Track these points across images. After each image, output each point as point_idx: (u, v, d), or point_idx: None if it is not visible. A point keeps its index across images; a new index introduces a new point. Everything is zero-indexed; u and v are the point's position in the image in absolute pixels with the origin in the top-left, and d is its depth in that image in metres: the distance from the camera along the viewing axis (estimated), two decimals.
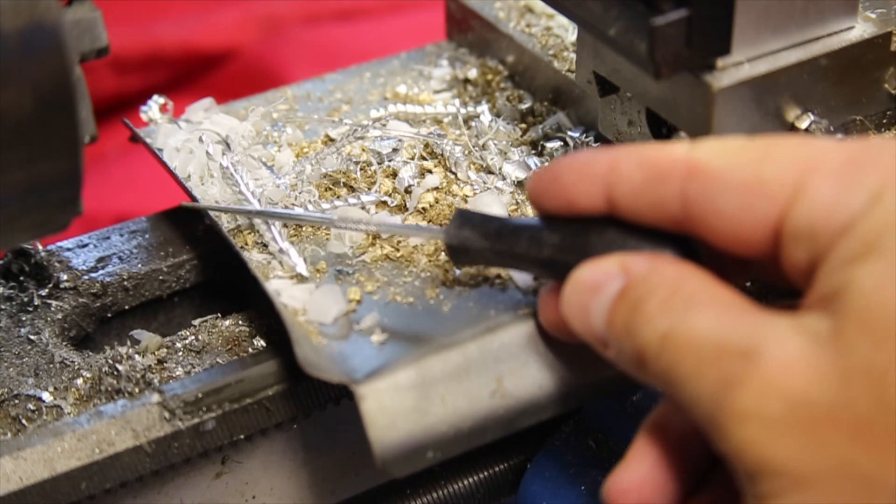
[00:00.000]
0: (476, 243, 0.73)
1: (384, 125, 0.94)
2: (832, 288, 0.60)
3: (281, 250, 0.83)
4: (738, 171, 0.63)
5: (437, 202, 0.88)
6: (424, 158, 0.92)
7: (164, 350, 0.83)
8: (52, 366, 0.82)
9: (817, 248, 0.61)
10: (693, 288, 0.64)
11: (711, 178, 0.64)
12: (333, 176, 0.91)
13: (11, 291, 0.88)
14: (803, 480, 0.57)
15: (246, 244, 0.85)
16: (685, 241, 0.67)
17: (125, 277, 0.89)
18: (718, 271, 0.66)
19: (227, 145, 0.92)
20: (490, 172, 0.91)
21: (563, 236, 0.70)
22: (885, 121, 0.88)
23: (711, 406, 0.60)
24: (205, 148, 0.90)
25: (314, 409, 0.83)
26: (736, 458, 0.59)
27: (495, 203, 0.87)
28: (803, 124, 0.82)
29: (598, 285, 0.67)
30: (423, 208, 0.88)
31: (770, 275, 0.68)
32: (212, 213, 0.87)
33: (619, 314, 0.66)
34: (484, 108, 0.98)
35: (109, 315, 0.90)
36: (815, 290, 0.61)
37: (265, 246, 0.85)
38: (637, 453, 0.68)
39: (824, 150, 0.63)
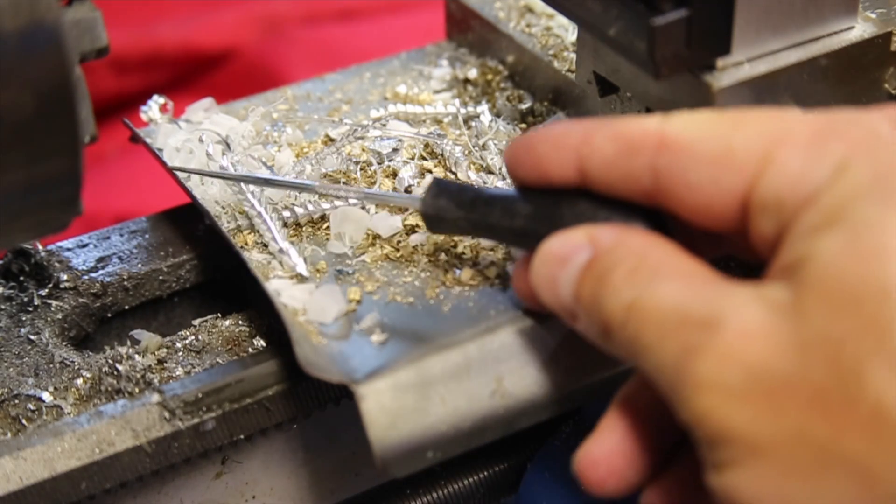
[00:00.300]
0: (451, 213, 0.74)
1: (384, 125, 0.94)
2: (794, 258, 0.60)
3: (281, 250, 0.84)
4: (708, 143, 0.64)
5: None
6: (424, 158, 0.92)
7: (164, 350, 0.83)
8: (52, 366, 0.82)
9: (783, 219, 0.62)
10: (658, 258, 0.64)
11: (681, 150, 0.65)
12: (333, 176, 0.91)
13: (11, 291, 0.88)
14: (760, 448, 0.58)
15: (246, 244, 0.85)
16: (656, 213, 0.68)
17: (125, 277, 0.89)
18: (688, 245, 0.66)
19: (227, 145, 0.92)
20: (490, 172, 0.91)
21: (535, 207, 0.71)
22: None
23: (673, 375, 0.61)
24: (205, 148, 0.90)
25: (314, 409, 0.83)
26: (696, 426, 0.60)
27: None
28: None
29: (566, 256, 0.68)
30: None
31: (740, 249, 0.69)
32: (212, 213, 0.87)
33: (586, 285, 0.67)
34: (484, 108, 0.98)
35: (109, 315, 0.90)
36: (778, 260, 0.62)
37: (265, 246, 0.85)
38: (607, 426, 0.69)
39: (793, 121, 0.64)
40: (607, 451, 0.69)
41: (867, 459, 0.56)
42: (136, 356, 0.81)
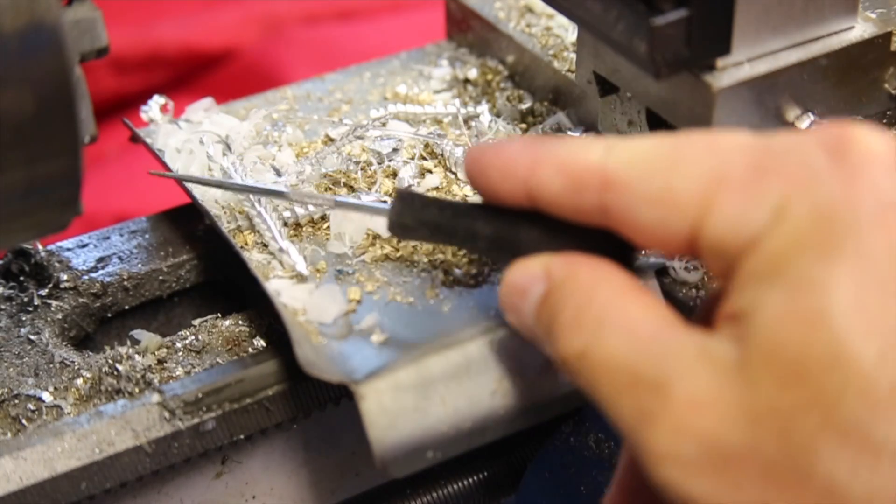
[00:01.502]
0: (415, 231, 0.74)
1: (384, 125, 0.94)
2: (739, 308, 0.59)
3: (281, 249, 0.84)
4: (650, 182, 0.63)
5: None
6: (424, 158, 0.92)
7: (164, 350, 0.83)
8: (52, 366, 0.82)
9: (726, 264, 0.61)
10: (605, 300, 0.64)
11: (624, 189, 0.64)
12: (333, 176, 0.91)
13: (11, 291, 0.88)
14: None
15: (246, 244, 0.85)
16: (613, 237, 0.67)
17: (125, 277, 0.89)
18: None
19: (228, 146, 0.92)
20: None
21: (495, 230, 0.71)
22: (885, 121, 0.88)
23: (633, 438, 0.61)
24: (205, 149, 0.90)
25: (314, 409, 0.83)
26: (661, 492, 0.60)
27: None
28: (803, 124, 0.82)
29: (525, 288, 0.68)
30: None
31: None
32: (212, 214, 0.87)
33: (542, 322, 0.67)
34: (484, 108, 0.98)
35: (109, 315, 0.90)
36: (725, 305, 0.61)
37: (265, 246, 0.85)
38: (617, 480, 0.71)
39: (731, 154, 0.62)
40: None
41: None
42: (136, 356, 0.81)
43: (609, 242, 0.67)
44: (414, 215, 0.74)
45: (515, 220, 0.70)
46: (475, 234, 0.72)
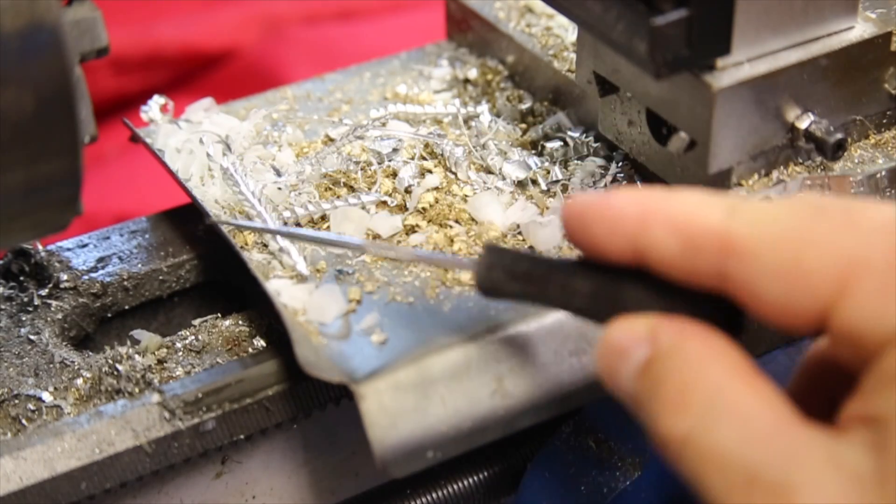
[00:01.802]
0: (506, 285, 0.69)
1: (384, 125, 0.94)
2: (877, 412, 0.56)
3: (281, 249, 0.83)
4: (778, 254, 0.59)
5: (437, 202, 0.88)
6: (424, 158, 0.92)
7: (164, 350, 0.83)
8: (52, 366, 0.82)
9: (862, 354, 0.58)
10: (716, 381, 0.60)
11: (749, 257, 0.60)
12: (333, 176, 0.91)
13: (11, 291, 0.88)
14: None
15: (246, 244, 0.85)
16: (724, 302, 0.63)
17: (125, 277, 0.89)
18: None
19: (228, 146, 0.92)
20: (490, 172, 0.91)
21: (595, 285, 0.66)
22: (885, 121, 0.88)
23: None
24: (205, 149, 0.90)
25: (314, 409, 0.83)
26: None
27: (494, 202, 0.87)
28: (803, 124, 0.82)
29: (626, 350, 0.63)
30: (423, 208, 0.88)
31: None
32: (212, 213, 0.87)
33: (643, 390, 0.62)
34: (484, 108, 0.98)
35: (109, 315, 0.90)
36: (858, 404, 0.58)
37: (265, 246, 0.85)
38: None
39: (873, 235, 0.59)
40: None
41: None
42: (136, 356, 0.81)
43: (719, 307, 0.63)
44: (505, 268, 0.68)
45: (617, 276, 0.65)
46: (572, 290, 0.66)
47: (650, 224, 0.62)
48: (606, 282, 0.65)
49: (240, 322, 0.86)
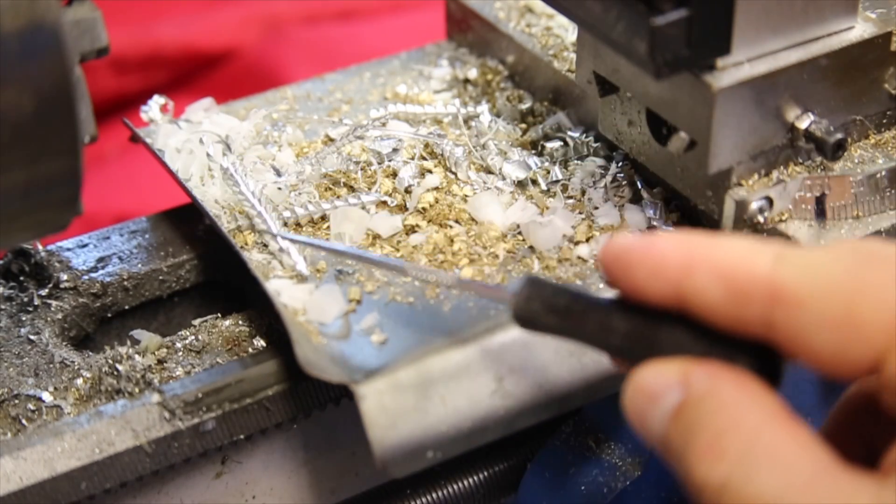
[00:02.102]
0: (543, 318, 0.68)
1: (384, 125, 0.94)
2: None
3: (281, 249, 0.83)
4: (829, 303, 0.58)
5: (437, 202, 0.88)
6: (424, 158, 0.92)
7: (164, 350, 0.83)
8: (52, 366, 0.82)
9: None
10: (753, 428, 0.59)
11: (799, 307, 0.59)
12: (333, 176, 0.91)
13: (11, 291, 0.88)
14: None
15: (246, 244, 0.85)
16: (763, 348, 0.62)
17: (125, 277, 0.89)
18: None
19: (228, 146, 0.92)
20: (490, 172, 0.91)
21: (632, 326, 0.65)
22: (885, 121, 0.88)
23: None
24: (205, 149, 0.90)
25: (314, 409, 0.83)
26: None
27: (495, 202, 0.87)
28: (803, 124, 0.82)
29: (657, 394, 0.62)
30: (423, 208, 0.88)
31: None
32: (212, 213, 0.87)
33: (674, 435, 0.61)
34: (484, 108, 0.98)
35: (109, 315, 0.90)
36: None
37: (265, 246, 0.85)
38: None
39: None
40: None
41: None
42: (136, 356, 0.81)
43: (759, 354, 0.62)
44: (544, 301, 0.67)
45: (656, 318, 0.64)
46: (610, 329, 0.65)
47: (694, 270, 0.61)
48: (644, 323, 0.65)
49: (240, 322, 0.86)
